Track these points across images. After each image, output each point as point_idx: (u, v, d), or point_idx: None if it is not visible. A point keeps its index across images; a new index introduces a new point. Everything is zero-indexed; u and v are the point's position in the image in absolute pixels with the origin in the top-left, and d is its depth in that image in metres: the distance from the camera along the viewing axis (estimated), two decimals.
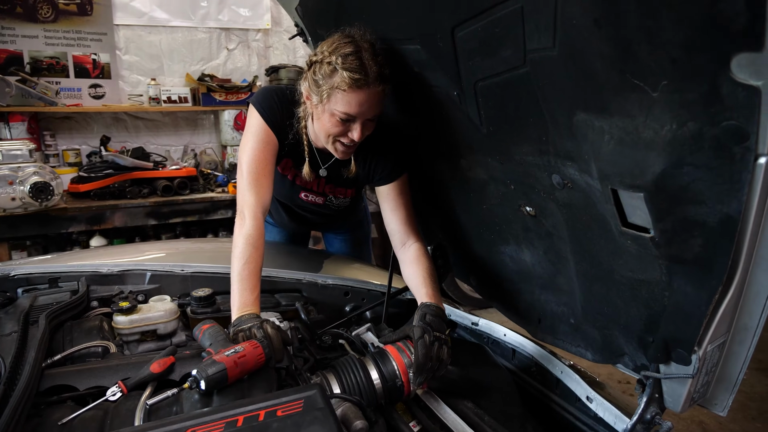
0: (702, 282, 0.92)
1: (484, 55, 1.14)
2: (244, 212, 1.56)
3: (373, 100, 1.45)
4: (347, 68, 1.39)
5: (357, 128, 1.50)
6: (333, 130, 1.52)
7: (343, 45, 1.41)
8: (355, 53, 1.40)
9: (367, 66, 1.40)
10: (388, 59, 1.45)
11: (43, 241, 3.77)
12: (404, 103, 1.67)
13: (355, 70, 1.39)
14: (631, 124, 0.84)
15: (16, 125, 3.84)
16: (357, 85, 1.40)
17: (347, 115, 1.46)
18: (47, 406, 1.18)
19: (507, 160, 1.36)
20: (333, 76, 1.42)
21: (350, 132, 1.51)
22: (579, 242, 1.28)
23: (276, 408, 1.03)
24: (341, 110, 1.45)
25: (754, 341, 0.98)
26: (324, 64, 1.43)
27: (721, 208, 0.81)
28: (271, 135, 1.63)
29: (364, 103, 1.44)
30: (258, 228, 1.53)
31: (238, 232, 1.53)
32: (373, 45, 1.44)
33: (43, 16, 3.98)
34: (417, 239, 1.74)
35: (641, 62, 0.75)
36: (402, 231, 1.74)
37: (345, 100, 1.43)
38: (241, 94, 4.41)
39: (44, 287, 1.86)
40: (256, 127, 1.63)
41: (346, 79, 1.39)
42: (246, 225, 1.53)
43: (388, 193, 1.74)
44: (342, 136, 1.53)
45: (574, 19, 0.81)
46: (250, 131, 1.64)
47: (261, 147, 1.61)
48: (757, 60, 0.63)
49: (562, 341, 1.53)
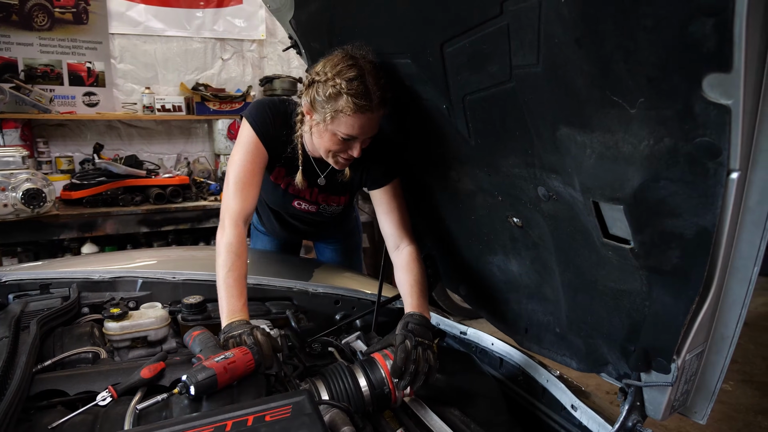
0: (680, 292, 0.95)
1: (472, 70, 1.17)
2: (224, 220, 1.59)
3: (374, 122, 1.51)
4: (352, 94, 1.41)
5: (357, 147, 1.55)
6: (333, 147, 1.56)
7: (346, 68, 1.43)
8: (359, 78, 1.42)
9: (371, 91, 1.43)
10: (389, 80, 1.48)
11: (34, 248, 3.76)
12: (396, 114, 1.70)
13: (360, 96, 1.42)
14: (611, 139, 0.88)
15: (9, 132, 3.85)
16: (361, 111, 1.44)
17: (349, 136, 1.50)
18: (37, 410, 1.19)
19: (494, 171, 1.40)
20: (337, 100, 1.44)
21: (350, 150, 1.56)
22: (564, 253, 1.31)
23: (264, 413, 1.05)
24: (344, 132, 1.49)
25: (730, 351, 1.01)
26: (328, 86, 1.44)
27: (696, 221, 0.84)
28: (261, 148, 1.66)
29: (366, 125, 1.49)
30: (238, 236, 1.56)
31: (219, 240, 1.57)
32: (375, 67, 1.46)
33: (39, 24, 4.00)
34: (410, 242, 1.76)
35: (620, 80, 0.78)
36: (395, 234, 1.76)
37: (348, 123, 1.46)
38: (235, 103, 4.44)
39: (35, 293, 1.86)
40: (247, 139, 1.66)
41: (351, 105, 1.42)
42: (226, 233, 1.56)
43: (382, 196, 1.77)
44: (342, 152, 1.58)
45: (556, 38, 0.84)
46: (240, 143, 1.67)
47: (249, 158, 1.64)
48: (726, 80, 0.66)
49: (548, 350, 1.56)
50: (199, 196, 4.04)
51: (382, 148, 1.75)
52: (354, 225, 2.58)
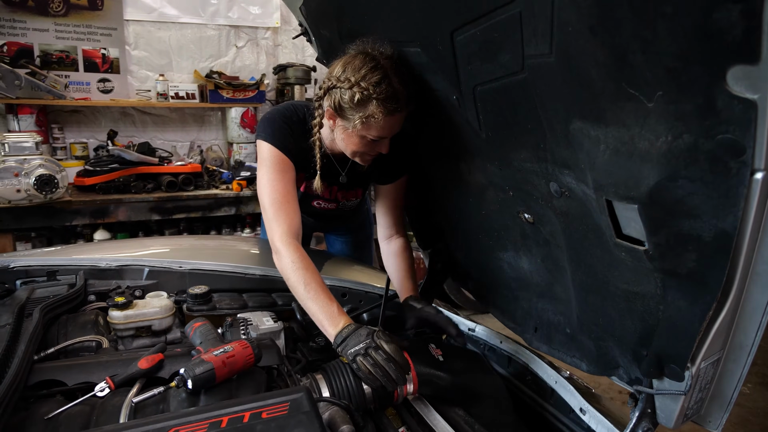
0: (696, 297, 0.90)
1: (483, 59, 1.12)
2: (275, 245, 1.52)
3: (403, 119, 1.50)
4: (381, 99, 1.39)
5: (386, 144, 1.53)
6: (361, 149, 1.54)
7: (370, 72, 1.39)
8: (384, 79, 1.38)
9: (398, 92, 1.40)
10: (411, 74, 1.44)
11: (47, 233, 3.80)
12: None
13: (390, 99, 1.39)
14: (626, 134, 0.83)
15: (24, 117, 3.87)
16: (391, 113, 1.42)
17: (380, 137, 1.48)
18: (36, 400, 1.18)
19: (505, 165, 1.35)
20: (367, 105, 1.41)
21: (378, 148, 1.54)
22: (576, 251, 1.26)
23: (261, 410, 1.02)
24: (375, 135, 1.47)
25: (749, 360, 0.96)
26: (355, 92, 1.40)
27: (716, 223, 0.79)
28: (287, 161, 1.61)
29: (396, 125, 1.48)
30: (294, 252, 1.49)
31: (279, 265, 1.51)
32: (396, 63, 1.42)
33: (54, 10, 4.00)
34: (402, 235, 1.86)
35: (637, 71, 0.73)
36: (390, 225, 1.84)
37: (380, 126, 1.44)
38: (248, 91, 4.42)
39: (42, 280, 1.86)
40: (269, 156, 1.60)
41: (382, 109, 1.40)
42: (282, 256, 1.49)
43: (388, 191, 1.81)
44: (369, 152, 1.56)
45: (570, 26, 0.79)
46: (264, 163, 1.60)
47: (278, 177, 1.58)
48: (752, 73, 0.61)
49: (557, 351, 1.51)
50: (211, 185, 4.03)
51: (398, 143, 1.71)
52: (365, 217, 2.56)
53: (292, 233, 1.52)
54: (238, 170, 4.17)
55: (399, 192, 1.82)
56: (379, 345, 1.27)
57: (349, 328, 1.34)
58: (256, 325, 1.52)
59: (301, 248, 1.52)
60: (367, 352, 1.27)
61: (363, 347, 1.28)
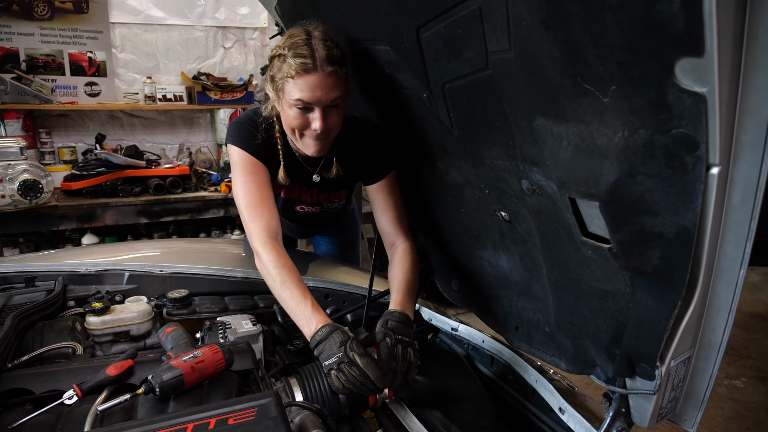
0: (662, 295, 0.89)
1: (449, 56, 1.11)
2: (254, 246, 1.51)
3: (325, 83, 1.40)
4: (295, 55, 1.38)
5: (317, 117, 1.45)
6: (294, 122, 1.48)
7: (294, 35, 1.41)
8: (304, 41, 1.39)
9: (315, 50, 1.38)
10: (340, 45, 1.43)
11: (35, 239, 3.78)
12: (380, 104, 1.64)
13: (302, 56, 1.37)
14: (586, 130, 0.81)
15: (11, 122, 3.85)
16: (304, 69, 1.38)
17: (302, 102, 1.42)
18: (4, 409, 1.16)
19: (479, 164, 1.33)
20: (283, 66, 1.41)
21: (312, 122, 1.46)
22: (549, 250, 1.25)
23: (228, 416, 1.01)
24: (295, 98, 1.42)
25: (719, 357, 0.94)
26: (276, 57, 1.43)
27: (677, 220, 0.77)
28: (257, 162, 1.59)
29: (315, 87, 1.40)
30: (271, 251, 1.47)
31: (258, 266, 1.51)
32: (325, 32, 1.42)
33: (39, 14, 3.98)
34: (405, 239, 1.72)
35: (590, 66, 0.72)
36: (391, 232, 1.72)
37: (296, 87, 1.40)
38: (236, 92, 4.40)
39: (21, 286, 1.84)
40: (238, 160, 1.59)
41: (293, 65, 1.37)
42: (261, 257, 1.48)
43: (377, 192, 1.73)
44: (306, 128, 1.49)
45: (524, 21, 0.77)
46: (235, 168, 1.60)
47: (250, 178, 1.57)
48: (699, 65, 0.59)
49: (537, 350, 1.50)
50: (199, 187, 4.02)
51: (372, 141, 1.70)
52: (351, 217, 2.53)
53: (269, 233, 1.51)
54: (228, 172, 4.15)
55: (390, 191, 1.72)
56: (352, 359, 1.24)
57: (322, 332, 1.31)
58: (235, 329, 1.51)
59: (280, 247, 1.50)
60: (340, 368, 1.24)
61: (336, 361, 1.25)
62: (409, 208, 1.89)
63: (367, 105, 1.62)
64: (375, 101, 1.63)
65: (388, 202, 1.72)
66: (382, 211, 1.73)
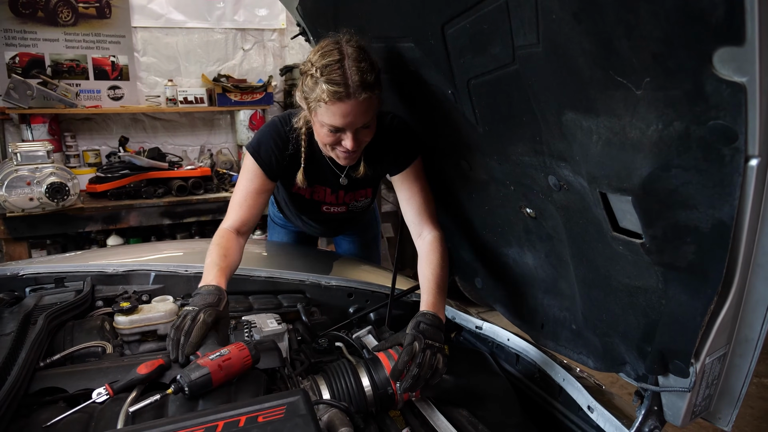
0: (697, 291, 0.87)
1: (475, 52, 1.10)
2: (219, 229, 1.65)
3: (358, 109, 1.39)
4: (327, 80, 1.35)
5: (348, 138, 1.45)
6: (326, 139, 1.49)
7: (327, 53, 1.37)
8: (337, 62, 1.35)
9: (348, 76, 1.34)
10: (374, 64, 1.39)
11: (62, 240, 3.85)
12: (404, 101, 1.64)
13: (335, 82, 1.34)
14: (617, 123, 0.80)
15: (37, 127, 3.92)
16: (338, 97, 1.35)
17: (334, 126, 1.43)
18: (39, 407, 1.18)
19: (504, 160, 1.32)
20: (315, 89, 1.38)
21: (343, 141, 1.47)
22: (577, 246, 1.23)
23: (257, 414, 1.01)
24: (327, 122, 1.42)
25: (756, 354, 0.92)
26: (308, 75, 1.40)
27: (713, 213, 0.76)
28: (261, 174, 1.65)
29: (348, 114, 1.39)
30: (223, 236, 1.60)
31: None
32: (359, 49, 1.38)
33: (64, 20, 4.05)
34: (433, 228, 1.67)
35: (623, 58, 0.71)
36: (417, 221, 1.68)
37: (329, 112, 1.39)
38: (256, 94, 4.43)
39: (51, 287, 1.88)
40: (247, 166, 1.68)
41: (326, 91, 1.35)
42: (213, 238, 1.61)
43: (402, 181, 1.69)
44: (337, 144, 1.50)
45: (554, 14, 0.76)
46: (243, 170, 1.70)
47: (248, 184, 1.67)
48: (739, 55, 0.58)
49: (564, 348, 1.48)
50: (221, 188, 4.05)
51: (398, 133, 1.68)
52: (372, 216, 2.53)
53: (232, 225, 1.63)
54: None
55: (415, 178, 1.68)
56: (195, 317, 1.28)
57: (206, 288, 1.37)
58: (260, 328, 1.52)
59: (233, 235, 1.61)
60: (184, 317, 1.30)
61: (189, 311, 1.30)
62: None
63: (391, 102, 1.61)
64: (399, 98, 1.62)
65: (414, 190, 1.68)
66: (407, 200, 1.70)
